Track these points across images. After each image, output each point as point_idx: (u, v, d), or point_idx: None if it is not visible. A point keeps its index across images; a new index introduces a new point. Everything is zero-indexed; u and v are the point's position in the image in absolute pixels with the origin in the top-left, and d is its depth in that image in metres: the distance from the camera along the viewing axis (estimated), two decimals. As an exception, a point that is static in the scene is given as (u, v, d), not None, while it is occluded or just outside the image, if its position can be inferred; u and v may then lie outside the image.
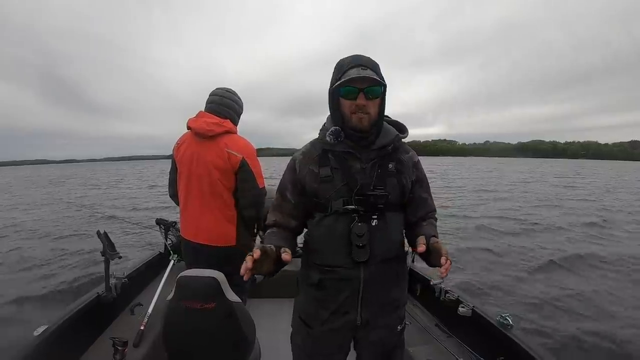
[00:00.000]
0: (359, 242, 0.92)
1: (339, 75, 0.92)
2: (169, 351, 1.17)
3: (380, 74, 0.93)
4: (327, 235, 0.97)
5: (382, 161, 0.98)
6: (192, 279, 1.12)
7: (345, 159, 0.97)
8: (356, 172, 0.96)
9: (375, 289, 0.98)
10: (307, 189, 0.99)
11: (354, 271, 0.95)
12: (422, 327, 1.90)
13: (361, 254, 0.93)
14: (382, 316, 1.01)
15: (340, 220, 0.95)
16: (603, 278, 4.84)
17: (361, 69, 0.89)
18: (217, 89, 1.66)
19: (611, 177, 30.27)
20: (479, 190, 17.02)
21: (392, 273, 1.01)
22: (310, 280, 1.01)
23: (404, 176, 1.00)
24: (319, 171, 0.97)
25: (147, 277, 2.39)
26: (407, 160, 1.03)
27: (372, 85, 0.90)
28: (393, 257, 1.00)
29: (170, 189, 1.75)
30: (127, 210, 11.14)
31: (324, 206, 0.97)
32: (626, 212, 10.82)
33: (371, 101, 0.92)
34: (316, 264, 1.01)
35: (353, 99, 0.91)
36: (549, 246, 6.48)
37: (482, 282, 4.61)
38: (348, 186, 0.95)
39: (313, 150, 1.02)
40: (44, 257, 5.85)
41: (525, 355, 1.37)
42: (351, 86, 0.90)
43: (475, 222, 8.86)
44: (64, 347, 1.45)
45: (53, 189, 21.81)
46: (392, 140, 1.00)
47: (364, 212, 0.94)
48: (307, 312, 1.05)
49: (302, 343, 1.08)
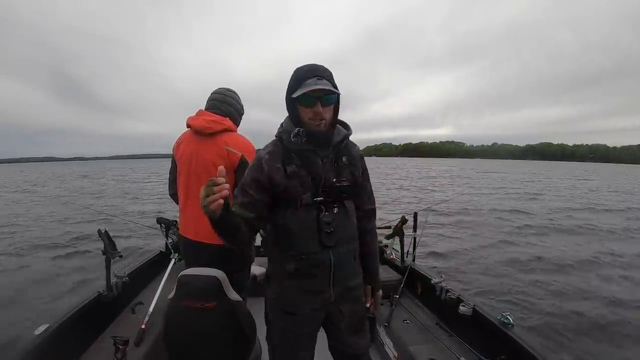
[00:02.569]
0: (327, 228, 1.05)
1: (296, 84, 1.01)
2: (170, 350, 1.17)
3: (334, 82, 1.03)
4: (300, 226, 1.06)
5: (337, 156, 1.12)
6: (193, 277, 1.12)
7: (307, 155, 1.08)
8: (319, 167, 1.08)
9: (342, 267, 1.10)
10: (274, 186, 1.06)
11: (323, 254, 1.06)
12: (423, 326, 1.90)
13: (329, 239, 1.06)
14: (350, 289, 1.15)
15: (310, 210, 1.06)
16: (604, 277, 4.84)
17: (317, 79, 0.99)
18: (219, 88, 1.67)
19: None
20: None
21: (352, 253, 1.14)
22: (288, 270, 1.09)
23: (355, 168, 1.15)
24: (286, 169, 1.07)
25: (148, 276, 2.39)
26: (356, 153, 1.18)
27: (327, 94, 1.01)
28: (352, 237, 1.14)
29: (171, 188, 1.75)
30: (127, 210, 11.15)
31: (294, 200, 1.06)
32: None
33: (327, 107, 1.03)
34: (291, 254, 1.08)
35: (310, 106, 1.01)
36: (552, 246, 6.48)
37: (482, 281, 4.62)
38: (314, 180, 1.06)
39: (277, 150, 1.10)
40: (44, 257, 5.87)
41: (525, 354, 1.37)
42: (309, 95, 0.99)
43: (476, 220, 8.87)
44: (65, 346, 1.45)
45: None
46: (344, 137, 1.13)
47: (328, 202, 1.07)
48: (288, 301, 1.13)
49: (285, 332, 1.15)
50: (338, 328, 1.17)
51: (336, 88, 1.02)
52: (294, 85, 1.01)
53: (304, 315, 1.12)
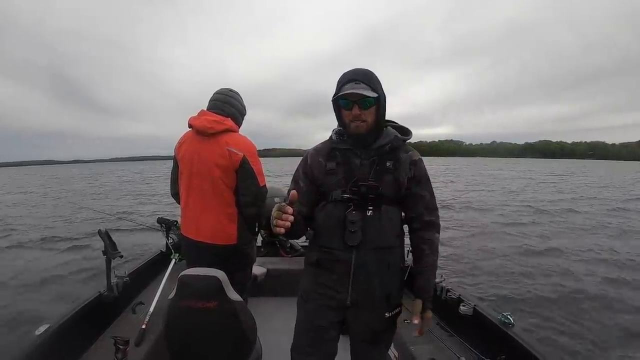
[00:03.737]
0: (351, 227, 1.04)
1: (337, 89, 1.05)
2: (171, 350, 1.18)
3: (375, 85, 1.03)
4: (326, 219, 1.09)
5: (380, 159, 1.10)
6: (193, 277, 1.12)
7: (348, 155, 1.11)
8: (356, 167, 1.09)
9: (366, 274, 1.07)
10: (315, 179, 1.13)
11: (346, 253, 1.06)
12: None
13: (352, 238, 1.04)
14: (371, 300, 1.10)
15: (338, 207, 1.07)
16: (606, 277, 4.84)
17: (355, 83, 1.02)
18: (221, 88, 1.67)
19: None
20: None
21: (383, 262, 1.09)
22: (311, 260, 1.15)
23: (399, 173, 1.10)
24: (326, 164, 1.12)
25: (148, 276, 2.39)
26: (405, 158, 1.12)
27: (364, 98, 1.01)
28: (386, 247, 1.09)
29: (172, 188, 1.75)
30: (127, 210, 11.16)
31: (326, 194, 1.10)
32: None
33: (366, 110, 1.04)
34: (317, 245, 1.13)
35: (349, 109, 1.04)
36: (552, 246, 6.48)
37: (483, 281, 4.62)
38: (346, 178, 1.08)
39: (323, 147, 1.17)
40: (45, 257, 5.87)
41: (526, 353, 1.36)
42: (346, 99, 1.03)
43: (476, 219, 8.86)
44: (66, 346, 1.45)
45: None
46: (390, 140, 1.11)
47: (360, 202, 1.06)
48: (305, 288, 1.17)
49: (301, 319, 1.19)
50: (351, 335, 1.18)
51: (377, 91, 1.03)
52: (336, 89, 1.06)
53: (313, 306, 1.13)
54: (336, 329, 1.15)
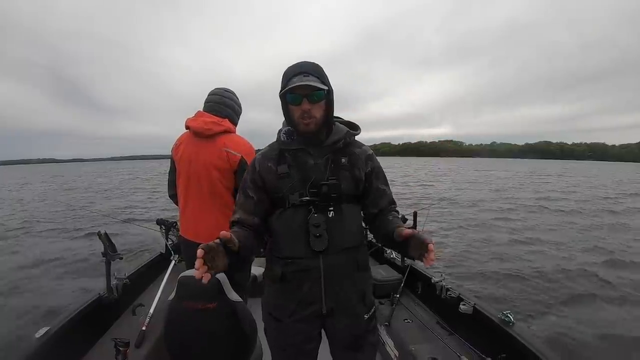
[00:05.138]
0: (316, 232, 0.98)
1: (284, 83, 0.99)
2: (171, 351, 1.17)
3: (324, 78, 0.99)
4: (286, 227, 1.02)
5: (334, 156, 1.05)
6: (193, 279, 1.12)
7: (299, 156, 1.05)
8: (310, 168, 1.03)
9: (337, 278, 1.02)
10: (267, 186, 1.05)
11: (313, 261, 1.00)
12: (424, 324, 1.90)
13: (319, 244, 0.98)
14: (347, 304, 1.05)
15: (298, 212, 1.01)
16: (607, 274, 4.84)
17: (303, 76, 0.96)
18: (215, 88, 1.66)
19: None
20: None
21: (351, 262, 1.05)
22: (274, 275, 1.05)
23: (356, 168, 1.06)
24: (277, 169, 1.04)
25: (148, 277, 2.39)
26: (360, 153, 1.09)
27: (314, 91, 0.96)
28: (352, 246, 1.05)
29: (170, 189, 1.74)
30: (127, 210, 11.14)
31: (282, 200, 1.03)
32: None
33: (315, 104, 0.98)
34: (278, 257, 1.05)
35: (298, 104, 0.98)
36: (553, 246, 6.48)
37: (483, 279, 4.62)
38: (303, 180, 1.02)
39: (271, 150, 1.09)
40: (45, 258, 5.85)
41: (526, 352, 1.37)
42: (295, 93, 0.97)
43: (476, 218, 8.87)
44: (66, 348, 1.44)
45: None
46: (343, 136, 1.07)
47: (320, 204, 1.00)
48: (274, 306, 1.08)
49: (274, 337, 1.11)
50: (333, 343, 1.11)
51: (326, 84, 0.98)
52: (282, 84, 0.99)
53: (288, 323, 1.05)
54: (316, 340, 1.09)
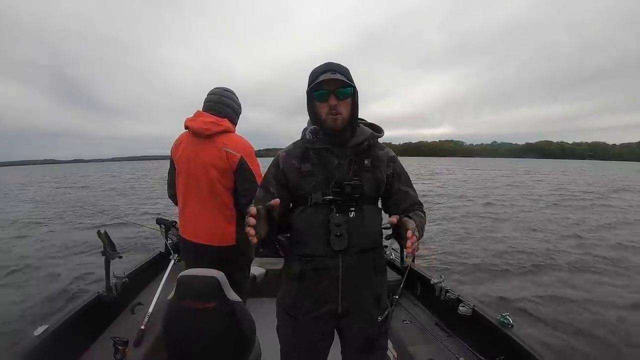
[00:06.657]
0: (336, 231, 0.99)
1: (311, 80, 1.01)
2: (170, 351, 1.18)
3: (350, 77, 1.01)
4: (307, 225, 1.03)
5: (357, 157, 1.06)
6: (192, 278, 1.12)
7: (323, 155, 1.06)
8: (334, 167, 1.04)
9: (354, 279, 1.02)
10: (289, 183, 1.06)
11: (332, 260, 1.00)
12: (423, 326, 1.89)
13: (339, 243, 0.99)
14: (363, 306, 1.05)
15: (320, 211, 1.01)
16: (606, 277, 4.84)
17: (330, 73, 0.98)
18: (215, 88, 1.65)
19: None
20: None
21: (369, 263, 1.05)
22: (292, 272, 1.06)
23: (379, 170, 1.07)
24: (301, 166, 1.05)
25: (147, 276, 2.39)
26: (382, 155, 1.10)
27: (342, 87, 0.99)
28: (370, 248, 1.05)
29: (169, 189, 1.74)
30: (127, 210, 11.14)
31: (304, 198, 1.03)
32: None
33: (342, 101, 1.00)
34: (297, 255, 1.06)
35: (325, 100, 1.00)
36: (553, 246, 6.48)
37: (482, 281, 4.62)
38: (326, 179, 1.02)
39: (295, 148, 1.10)
40: (44, 257, 5.86)
41: (525, 354, 1.37)
42: (323, 89, 0.99)
43: (476, 219, 8.87)
44: (65, 347, 1.44)
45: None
46: (367, 138, 1.08)
47: (342, 204, 1.00)
48: (290, 304, 1.09)
49: (289, 334, 1.11)
50: (344, 343, 1.11)
51: (352, 82, 1.00)
52: (310, 82, 1.01)
53: (303, 321, 1.06)
54: (329, 338, 1.10)
